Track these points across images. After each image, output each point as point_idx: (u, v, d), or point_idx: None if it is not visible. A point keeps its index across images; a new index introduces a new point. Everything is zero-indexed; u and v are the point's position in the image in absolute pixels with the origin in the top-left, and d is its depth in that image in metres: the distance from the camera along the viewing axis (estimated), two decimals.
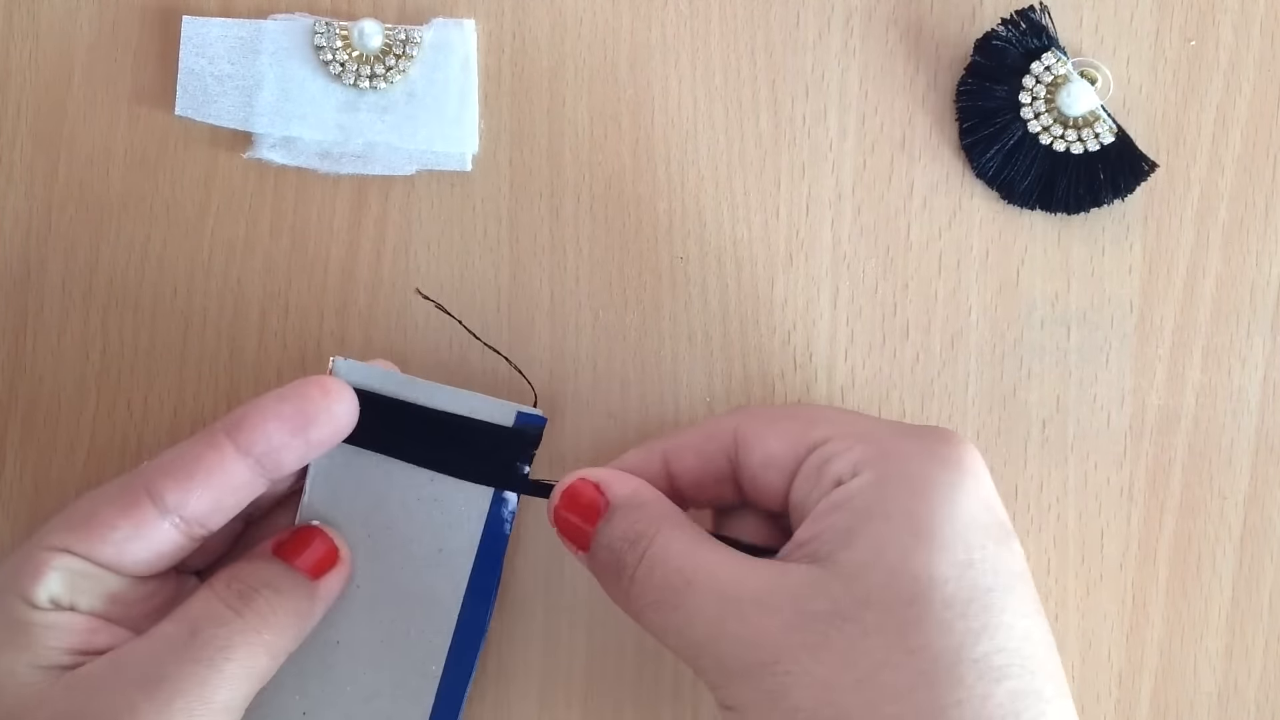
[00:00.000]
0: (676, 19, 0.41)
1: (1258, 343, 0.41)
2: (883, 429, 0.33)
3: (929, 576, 0.30)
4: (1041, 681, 0.30)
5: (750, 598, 0.31)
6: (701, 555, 0.32)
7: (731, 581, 0.32)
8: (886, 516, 0.31)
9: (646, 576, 0.33)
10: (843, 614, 0.30)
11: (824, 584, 0.31)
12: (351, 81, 0.40)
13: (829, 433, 0.33)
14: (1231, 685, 0.41)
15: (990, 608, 0.30)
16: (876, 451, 0.32)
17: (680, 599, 0.32)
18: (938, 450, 0.32)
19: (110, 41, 0.41)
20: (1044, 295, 0.41)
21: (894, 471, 0.31)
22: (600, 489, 0.35)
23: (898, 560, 0.30)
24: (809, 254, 0.41)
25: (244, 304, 0.41)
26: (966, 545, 0.30)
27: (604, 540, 0.34)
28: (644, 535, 0.33)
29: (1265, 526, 0.41)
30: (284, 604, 0.34)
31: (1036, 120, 0.40)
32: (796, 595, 0.31)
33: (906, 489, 0.31)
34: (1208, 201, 0.41)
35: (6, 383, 0.41)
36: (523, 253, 0.41)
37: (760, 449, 0.34)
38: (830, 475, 0.32)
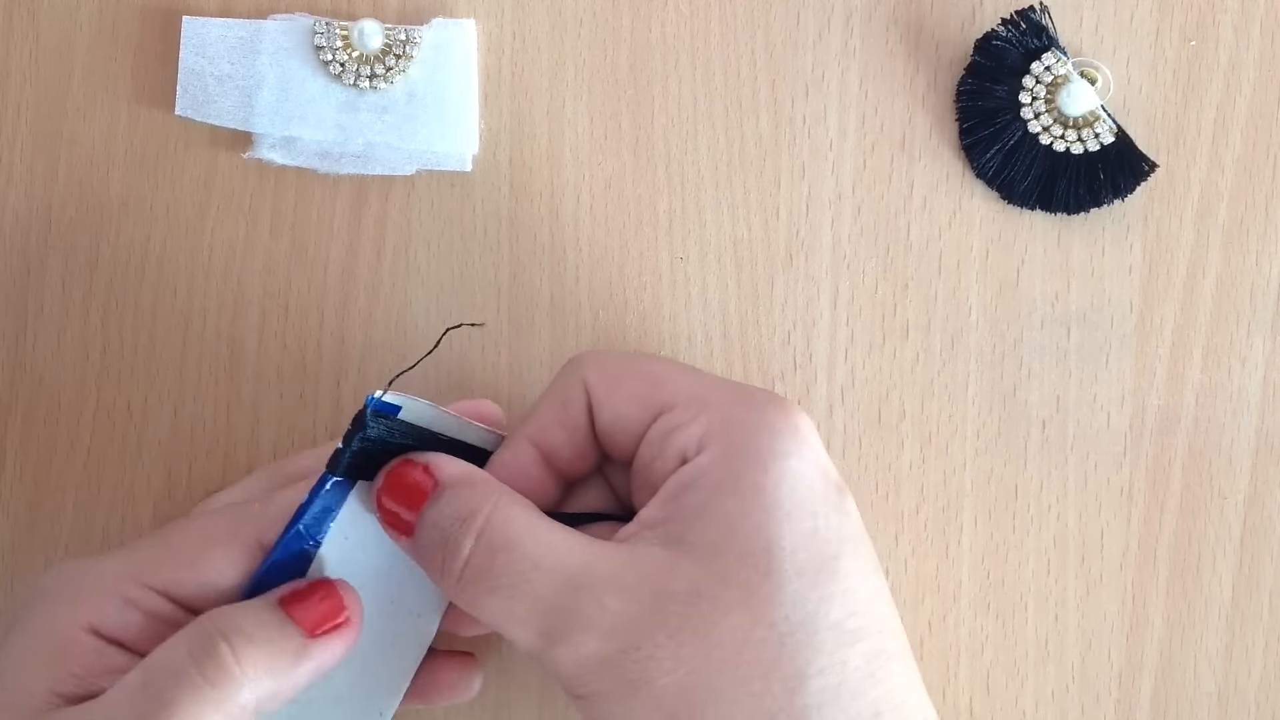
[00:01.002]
0: (676, 19, 0.41)
1: (1258, 343, 0.41)
2: (721, 394, 0.33)
3: (780, 549, 0.30)
4: (889, 639, 0.31)
5: (605, 580, 0.30)
6: (546, 534, 0.31)
7: (582, 563, 0.30)
8: (736, 492, 0.31)
9: (484, 559, 0.31)
10: (701, 593, 0.30)
11: (680, 565, 0.30)
12: (351, 81, 0.40)
13: (672, 398, 0.33)
14: (1231, 685, 0.41)
15: (837, 573, 0.31)
16: (720, 424, 0.32)
17: (527, 583, 0.30)
18: (774, 420, 0.32)
19: (110, 41, 0.41)
20: (1044, 295, 0.41)
21: (737, 445, 0.31)
22: (429, 469, 0.33)
23: (750, 536, 0.30)
24: (809, 254, 0.41)
25: (244, 304, 0.41)
26: (810, 513, 0.31)
27: (431, 519, 0.32)
28: (478, 512, 0.31)
29: (1265, 526, 0.41)
30: (253, 655, 0.31)
31: (1036, 120, 0.40)
32: (653, 577, 0.30)
33: (752, 462, 0.31)
34: (1208, 201, 0.41)
35: (6, 383, 0.41)
36: (523, 253, 0.41)
37: (609, 410, 0.33)
38: (675, 449, 0.32)
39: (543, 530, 0.31)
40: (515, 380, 0.41)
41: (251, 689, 0.30)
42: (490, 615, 0.31)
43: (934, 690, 0.40)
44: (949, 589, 0.40)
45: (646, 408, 0.33)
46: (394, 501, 0.33)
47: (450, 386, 0.41)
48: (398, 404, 0.34)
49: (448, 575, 0.31)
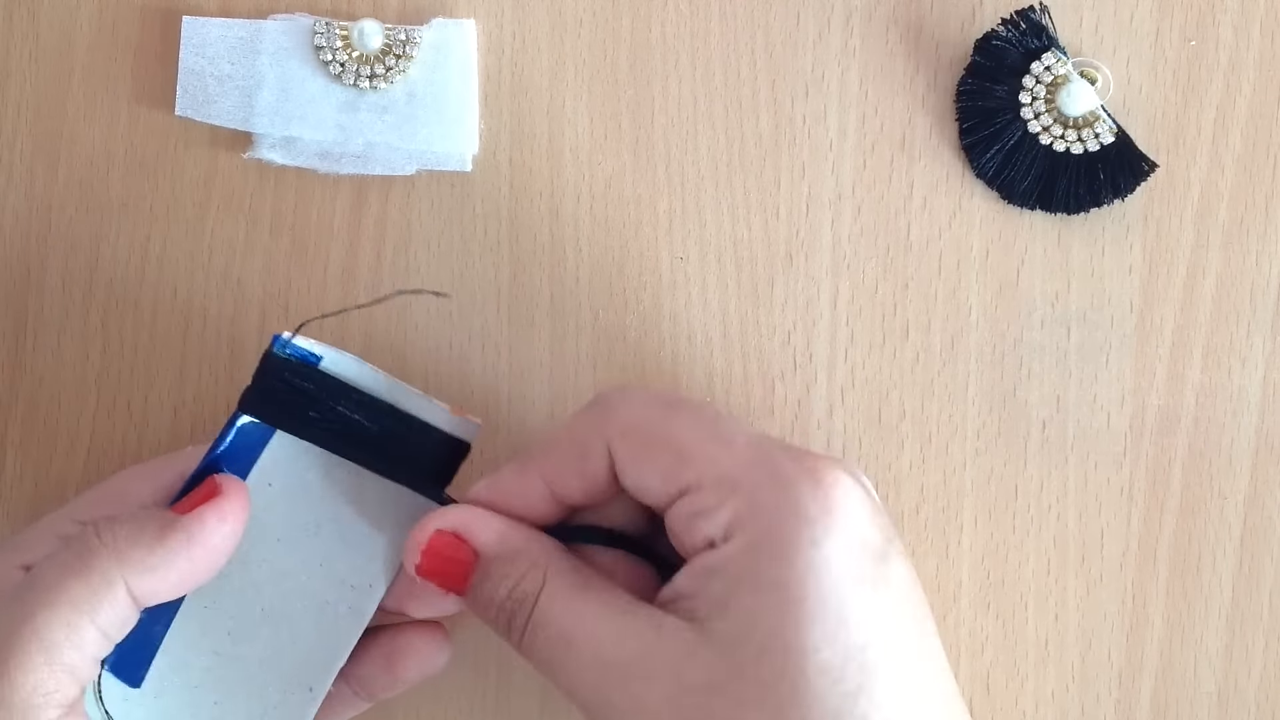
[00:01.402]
0: (676, 19, 0.41)
1: (1258, 343, 0.41)
2: (751, 474, 0.31)
3: (800, 648, 0.29)
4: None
5: (631, 663, 0.31)
6: (582, 611, 0.32)
7: (611, 644, 0.31)
8: (756, 589, 0.30)
9: (532, 639, 0.32)
10: (718, 687, 0.30)
11: (700, 653, 0.30)
12: (351, 81, 0.40)
13: (699, 477, 0.32)
14: (1231, 685, 0.41)
15: (866, 666, 0.30)
16: (746, 510, 0.31)
17: (564, 662, 0.32)
18: (804, 501, 0.31)
19: (110, 41, 0.41)
20: (1044, 295, 0.41)
21: (762, 535, 0.30)
22: (461, 540, 0.33)
23: (769, 634, 0.30)
24: (809, 254, 0.41)
25: (244, 304, 0.41)
26: (838, 605, 0.30)
27: (487, 600, 0.33)
28: (529, 596, 0.32)
29: (1265, 526, 0.41)
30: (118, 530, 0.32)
31: (1036, 120, 0.40)
32: (674, 664, 0.30)
33: (775, 555, 0.30)
34: (1208, 201, 0.41)
35: (6, 383, 0.41)
36: (523, 253, 0.41)
37: (633, 477, 0.33)
38: (701, 533, 0.32)
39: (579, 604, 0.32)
40: (515, 380, 0.41)
41: (118, 563, 0.31)
42: (547, 676, 0.32)
43: None
44: (949, 589, 0.40)
45: (671, 483, 0.32)
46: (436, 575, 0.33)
47: (450, 386, 0.41)
48: (318, 354, 0.34)
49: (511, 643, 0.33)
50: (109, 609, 0.31)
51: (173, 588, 0.32)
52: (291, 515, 0.35)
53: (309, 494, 0.35)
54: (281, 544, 0.35)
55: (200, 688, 0.35)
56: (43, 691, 0.31)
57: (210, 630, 0.35)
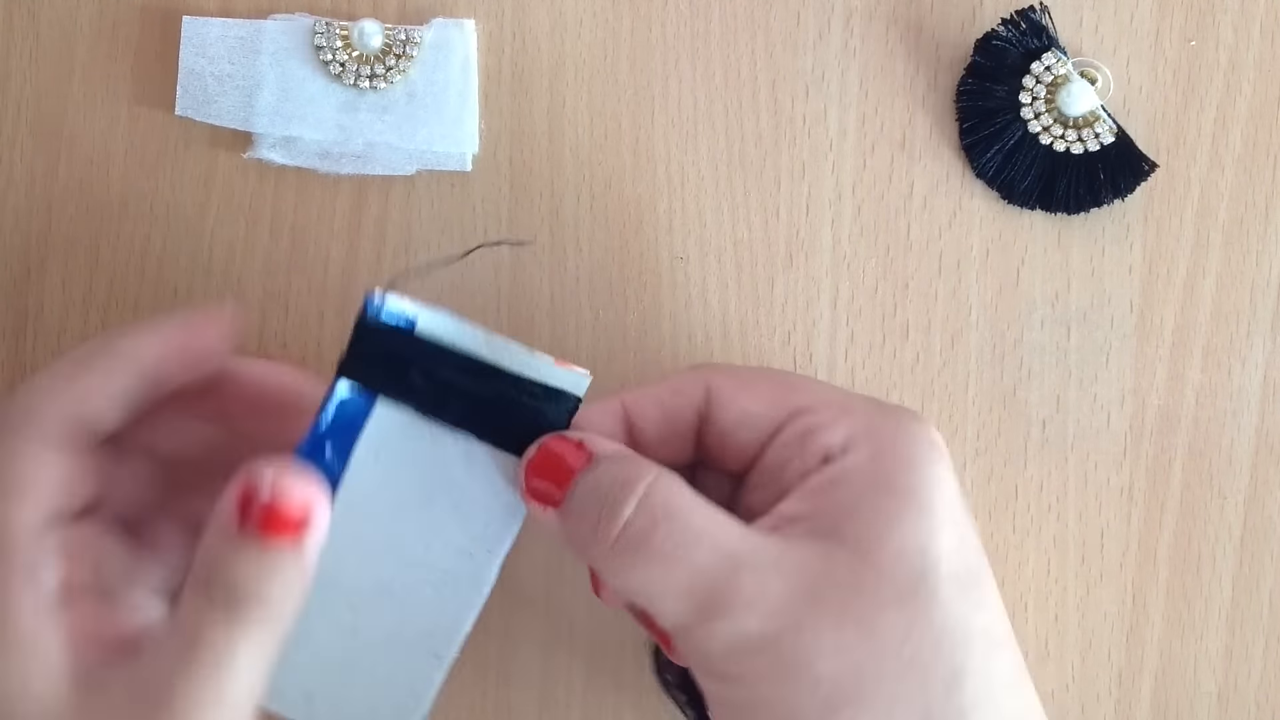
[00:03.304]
0: (676, 19, 0.41)
1: (1258, 343, 0.41)
2: (860, 403, 0.33)
3: (935, 553, 0.30)
4: (1018, 655, 0.32)
5: (765, 562, 0.30)
6: (706, 510, 0.31)
7: (743, 543, 0.30)
8: (890, 493, 0.31)
9: (645, 525, 0.30)
10: (861, 587, 0.30)
11: (836, 557, 0.30)
12: (351, 81, 0.40)
13: (810, 401, 0.33)
14: (1231, 685, 0.41)
15: (980, 583, 0.31)
16: (864, 426, 0.32)
17: (688, 554, 0.30)
18: (916, 430, 0.32)
19: (110, 41, 0.41)
20: (1044, 295, 0.41)
21: (885, 447, 0.32)
22: (583, 445, 0.32)
23: (906, 537, 0.30)
24: (809, 254, 0.41)
25: (244, 304, 0.41)
26: (957, 522, 0.31)
27: (589, 484, 0.31)
28: (639, 480, 0.31)
29: (1265, 526, 0.41)
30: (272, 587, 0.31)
31: (1036, 120, 0.40)
32: (811, 565, 0.30)
33: (902, 465, 0.31)
34: (1208, 201, 0.41)
35: (6, 383, 0.41)
36: (523, 253, 0.41)
37: (736, 407, 0.33)
38: (817, 448, 0.32)
39: (703, 506, 0.31)
40: None
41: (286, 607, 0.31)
42: (642, 584, 0.31)
43: None
44: None
45: (780, 407, 0.33)
46: (544, 472, 0.32)
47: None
48: (411, 317, 0.33)
49: (600, 541, 0.31)
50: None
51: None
52: (401, 488, 0.34)
53: (417, 465, 0.34)
54: (394, 518, 0.34)
55: (327, 664, 0.34)
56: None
57: (332, 605, 0.34)
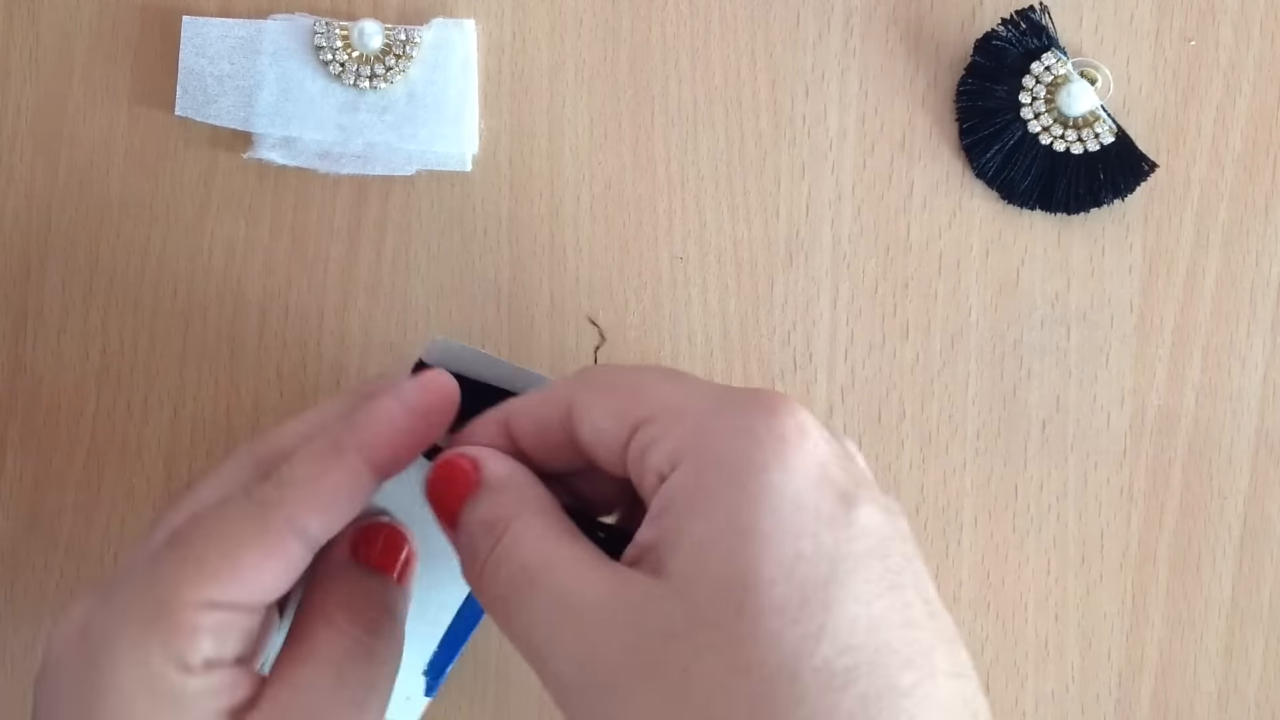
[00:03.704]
0: (676, 19, 0.41)
1: (1258, 343, 0.41)
2: (701, 402, 0.30)
3: (754, 581, 0.27)
4: (896, 674, 0.27)
5: (590, 609, 0.28)
6: (551, 552, 0.30)
7: (574, 588, 0.29)
8: (706, 513, 0.28)
9: (494, 569, 0.30)
10: (675, 633, 0.27)
11: (658, 597, 0.28)
12: (351, 82, 0.40)
13: (650, 411, 0.30)
14: (1231, 685, 0.41)
15: (827, 604, 0.27)
16: (692, 436, 0.29)
17: (522, 600, 0.29)
18: (756, 423, 0.28)
19: (110, 41, 0.41)
20: (1044, 295, 0.41)
21: (710, 457, 0.28)
22: (476, 465, 0.32)
23: (721, 566, 0.27)
24: (809, 254, 0.41)
25: (244, 304, 0.41)
26: (795, 534, 0.27)
27: (464, 521, 0.31)
28: (500, 521, 0.30)
29: (1265, 526, 0.41)
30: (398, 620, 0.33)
31: (1036, 120, 0.40)
32: (634, 610, 0.28)
33: (724, 477, 0.28)
34: (1208, 201, 0.41)
35: (6, 383, 0.41)
36: (523, 253, 0.41)
37: (588, 423, 0.31)
38: (652, 466, 0.29)
39: (550, 547, 0.30)
40: None
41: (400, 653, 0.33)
42: (498, 623, 0.31)
43: None
44: (949, 589, 0.40)
45: (623, 421, 0.30)
46: (438, 495, 0.32)
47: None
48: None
49: (469, 575, 0.31)
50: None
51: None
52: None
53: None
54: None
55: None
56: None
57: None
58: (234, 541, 0.30)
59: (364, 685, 0.32)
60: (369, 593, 0.33)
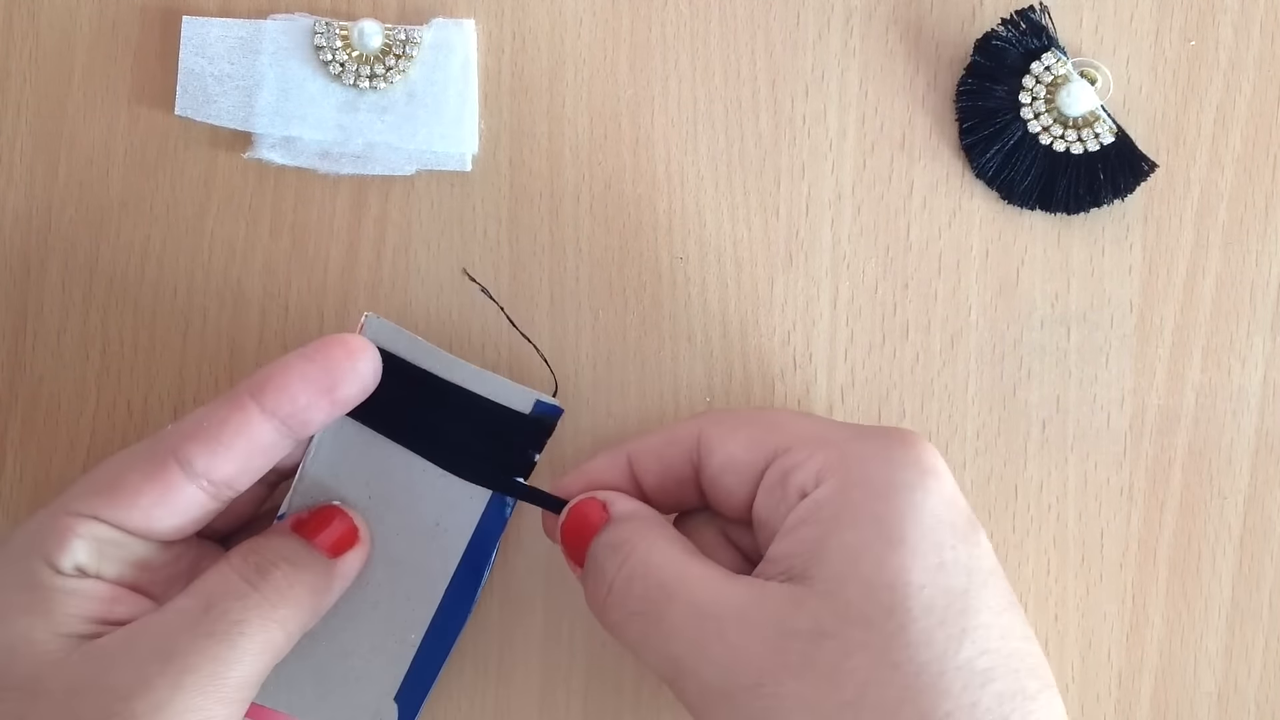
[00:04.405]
0: (676, 19, 0.41)
1: (1258, 343, 0.41)
2: (841, 433, 0.33)
3: (905, 584, 0.29)
4: (1025, 679, 0.30)
5: (731, 615, 0.30)
6: (683, 568, 0.32)
7: (711, 597, 0.31)
8: (855, 524, 0.30)
9: (625, 586, 0.32)
10: (825, 631, 0.29)
11: (803, 601, 0.30)
12: (351, 81, 0.40)
13: (789, 440, 0.33)
14: (1231, 685, 0.41)
15: (967, 610, 0.29)
16: (837, 457, 0.31)
17: (659, 612, 0.31)
18: (896, 452, 0.31)
19: (110, 41, 0.41)
20: (1044, 295, 0.41)
21: (856, 476, 0.31)
22: (606, 506, 0.34)
23: (872, 570, 0.29)
24: (809, 254, 0.41)
25: (244, 304, 0.41)
26: (937, 546, 0.30)
27: (592, 549, 0.34)
28: (627, 542, 0.33)
29: (1265, 526, 0.41)
30: (301, 579, 0.34)
31: (1036, 120, 0.40)
32: (777, 613, 0.30)
33: (871, 493, 0.30)
34: (1208, 201, 0.41)
35: (6, 383, 0.41)
36: (523, 253, 0.41)
37: (721, 453, 0.34)
38: (794, 486, 0.32)
39: (681, 563, 0.32)
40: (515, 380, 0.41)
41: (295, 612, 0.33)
42: (630, 640, 0.32)
43: None
44: None
45: (761, 450, 0.33)
46: (572, 538, 0.34)
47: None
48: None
49: (596, 599, 0.33)
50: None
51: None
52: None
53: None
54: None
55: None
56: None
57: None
58: (123, 467, 0.33)
59: (231, 621, 0.32)
60: (274, 545, 0.34)
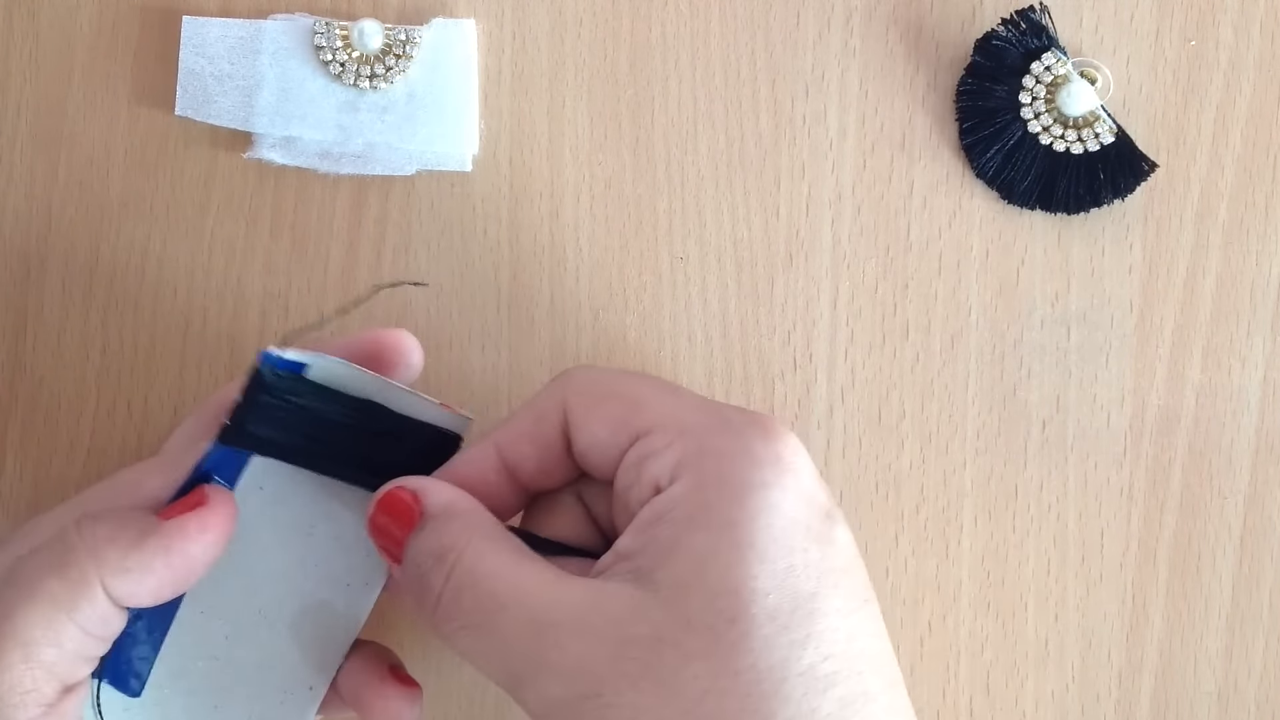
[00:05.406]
0: (676, 19, 0.41)
1: (1258, 343, 0.41)
2: (702, 419, 0.31)
3: (749, 590, 0.28)
4: (869, 680, 0.29)
5: (568, 622, 0.29)
6: (515, 573, 0.30)
7: (547, 603, 0.30)
8: (706, 527, 0.29)
9: (454, 598, 0.31)
10: (664, 638, 0.28)
11: (644, 606, 0.29)
12: (351, 81, 0.40)
13: (649, 422, 0.31)
14: (1231, 685, 0.41)
15: (814, 614, 0.29)
16: (695, 451, 0.30)
17: (493, 623, 0.30)
18: (754, 446, 0.30)
19: (110, 41, 0.41)
20: (1044, 295, 0.41)
21: (712, 475, 0.30)
22: (417, 497, 0.32)
23: (718, 577, 0.29)
24: (809, 254, 0.41)
25: (244, 304, 0.41)
26: (788, 549, 0.29)
27: (411, 554, 0.32)
28: (451, 550, 0.31)
29: (1265, 526, 0.41)
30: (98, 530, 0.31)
31: (1036, 120, 0.40)
32: (617, 619, 0.29)
33: (726, 495, 0.29)
34: (1208, 201, 0.41)
35: (6, 383, 0.41)
36: (523, 253, 0.41)
37: (586, 432, 0.32)
38: (649, 478, 0.31)
39: (512, 569, 0.30)
40: (515, 380, 0.41)
41: (95, 563, 0.31)
42: (464, 652, 0.31)
43: (934, 690, 0.40)
44: (949, 589, 0.40)
45: (623, 431, 0.32)
46: (381, 529, 0.32)
47: (450, 387, 0.41)
48: (303, 361, 0.33)
49: (424, 610, 0.31)
50: (87, 606, 0.31)
51: (151, 592, 0.32)
52: (285, 517, 0.35)
53: (301, 495, 0.34)
54: (276, 546, 0.35)
55: (200, 693, 0.34)
56: (20, 690, 0.30)
57: (208, 635, 0.35)
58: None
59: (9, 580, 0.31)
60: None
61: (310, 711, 0.35)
